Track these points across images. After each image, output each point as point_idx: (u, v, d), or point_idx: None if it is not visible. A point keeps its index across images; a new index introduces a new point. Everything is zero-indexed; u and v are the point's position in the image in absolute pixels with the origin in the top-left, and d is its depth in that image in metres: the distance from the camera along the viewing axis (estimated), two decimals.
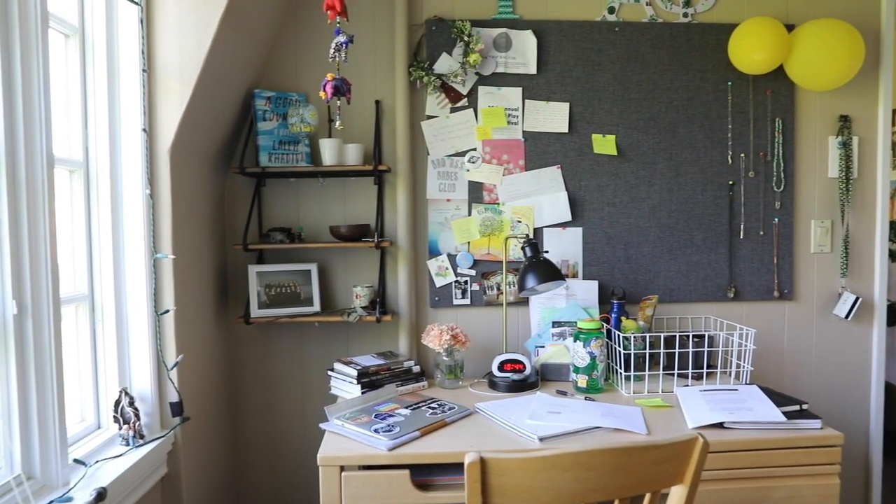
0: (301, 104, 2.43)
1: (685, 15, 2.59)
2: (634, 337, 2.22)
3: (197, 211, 2.26)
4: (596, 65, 2.57)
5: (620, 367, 2.23)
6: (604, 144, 2.58)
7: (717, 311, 2.64)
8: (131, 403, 1.91)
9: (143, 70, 1.96)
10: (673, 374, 2.26)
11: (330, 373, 2.27)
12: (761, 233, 2.63)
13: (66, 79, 1.83)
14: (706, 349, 2.25)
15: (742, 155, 2.62)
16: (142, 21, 1.95)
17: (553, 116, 2.57)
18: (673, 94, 2.59)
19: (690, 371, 2.27)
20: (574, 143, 2.57)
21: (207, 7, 1.96)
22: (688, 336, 2.32)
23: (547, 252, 2.48)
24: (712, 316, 2.61)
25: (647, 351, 2.19)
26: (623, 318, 2.38)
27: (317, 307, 2.43)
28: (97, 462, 1.74)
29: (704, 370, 2.25)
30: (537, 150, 2.57)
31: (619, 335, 2.24)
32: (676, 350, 2.25)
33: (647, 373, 2.19)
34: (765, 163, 2.62)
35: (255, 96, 2.38)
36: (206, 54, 1.97)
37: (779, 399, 1.94)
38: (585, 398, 2.13)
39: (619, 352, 2.22)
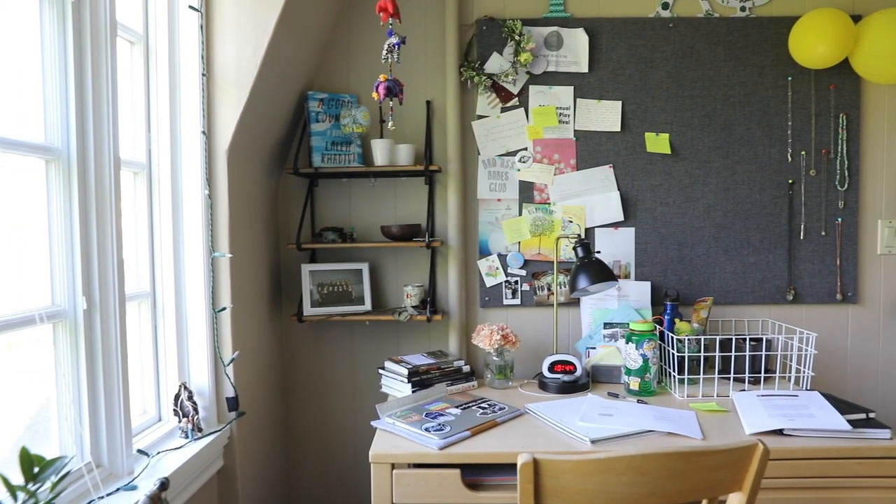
0: (353, 105, 2.46)
1: (742, 9, 2.52)
2: (688, 339, 2.18)
3: (252, 211, 2.32)
4: (649, 62, 2.52)
5: (674, 370, 2.18)
6: (657, 143, 2.53)
7: (775, 313, 2.56)
8: (190, 397, 1.97)
9: (203, 74, 2.02)
10: (728, 379, 2.20)
11: (381, 371, 2.30)
12: (823, 233, 2.54)
13: (130, 84, 1.91)
14: (764, 353, 2.18)
15: (802, 152, 2.53)
16: (201, 27, 2.01)
17: (605, 115, 2.53)
18: (729, 90, 2.52)
19: (747, 375, 2.21)
20: (626, 141, 2.54)
21: (264, 11, 2.00)
22: (744, 339, 2.26)
23: (599, 252, 2.45)
24: (770, 319, 2.53)
25: (702, 354, 2.14)
26: (676, 320, 2.33)
27: (368, 306, 2.46)
28: (159, 453, 1.80)
29: (762, 375, 2.18)
30: (589, 149, 2.54)
31: (672, 337, 2.20)
32: (732, 353, 2.19)
33: (701, 376, 2.15)
34: (827, 160, 2.53)
35: (309, 98, 2.43)
36: (262, 57, 2.02)
37: (843, 406, 1.87)
38: (637, 401, 2.09)
39: (673, 354, 2.18)
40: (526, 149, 2.55)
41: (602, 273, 2.26)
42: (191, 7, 1.98)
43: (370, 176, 2.53)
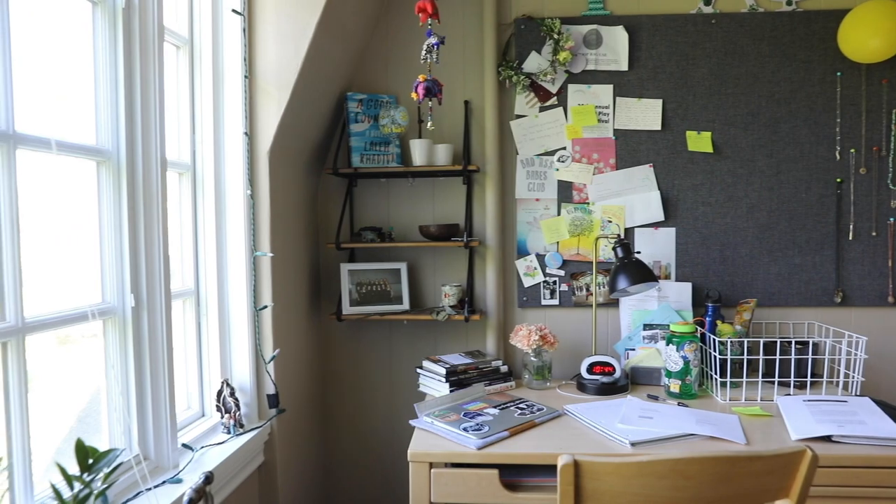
0: (392, 106, 2.48)
1: (789, 3, 2.45)
2: (731, 342, 2.13)
3: (292, 210, 2.35)
4: (691, 59, 2.48)
5: (715, 373, 2.14)
6: (699, 142, 2.48)
7: (822, 316, 2.49)
8: (232, 394, 2.01)
9: (245, 76, 2.05)
10: (773, 382, 2.15)
11: (419, 370, 2.31)
12: (874, 234, 2.46)
13: (176, 87, 1.95)
14: (810, 356, 2.13)
15: (852, 150, 2.45)
16: (244, 30, 2.05)
17: (645, 114, 2.50)
18: (774, 87, 2.46)
19: (793, 379, 2.15)
20: (667, 140, 2.50)
21: (304, 14, 2.03)
22: (789, 342, 2.20)
23: (639, 253, 2.42)
24: (816, 322, 2.47)
25: (745, 357, 2.10)
26: (718, 322, 2.28)
27: (406, 305, 2.48)
28: (203, 447, 1.85)
29: (808, 379, 2.13)
30: (628, 148, 2.51)
31: (714, 339, 2.16)
32: (777, 357, 2.14)
33: (744, 380, 2.10)
34: (878, 158, 2.45)
35: (348, 99, 2.45)
36: (303, 59, 2.05)
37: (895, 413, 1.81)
38: (678, 403, 2.06)
39: (715, 357, 2.14)
40: (565, 148, 2.53)
41: (642, 274, 2.24)
42: (234, 11, 2.02)
43: (408, 176, 2.55)
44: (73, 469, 1.03)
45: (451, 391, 2.14)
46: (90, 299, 1.54)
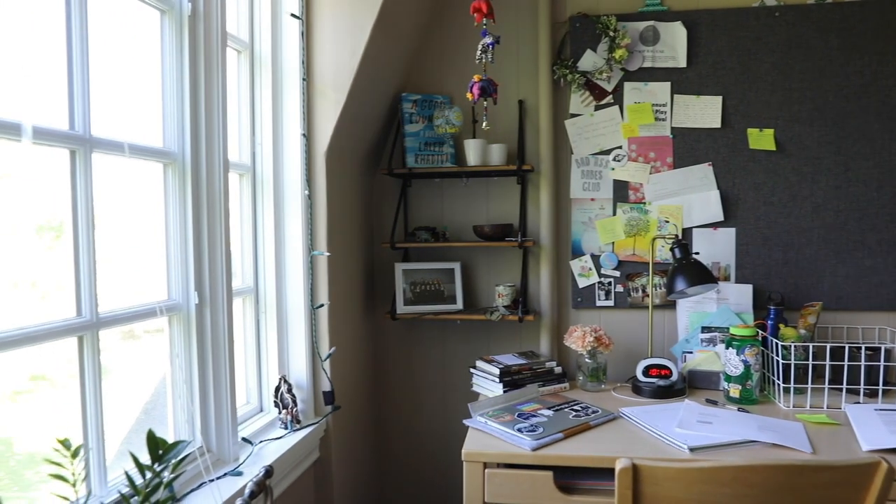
0: (446, 106, 2.49)
1: None
2: (795, 346, 2.06)
3: (348, 210, 2.39)
4: (752, 54, 2.41)
5: (778, 379, 2.07)
6: (760, 139, 2.41)
7: (895, 321, 2.38)
8: (289, 390, 2.06)
9: (303, 79, 2.10)
10: (840, 389, 2.06)
11: (472, 370, 2.32)
12: None
13: (237, 90, 2.01)
14: (882, 363, 2.03)
15: None
16: (302, 33, 2.09)
17: (704, 111, 2.44)
18: (843, 81, 2.36)
19: (862, 387, 2.06)
20: (727, 138, 2.43)
21: (360, 16, 2.06)
22: (859, 347, 2.11)
23: (697, 253, 2.36)
24: (889, 327, 2.36)
25: (810, 362, 2.02)
26: (781, 326, 2.21)
27: (460, 305, 2.49)
28: (261, 442, 1.89)
29: (880, 387, 2.04)
30: (686, 146, 2.46)
31: (776, 344, 2.09)
32: (846, 362, 2.06)
33: (809, 386, 2.03)
34: None
35: (403, 99, 2.48)
36: (359, 61, 2.08)
37: None
38: (738, 409, 2.01)
39: (777, 361, 2.07)
40: (620, 147, 2.49)
41: (701, 275, 2.18)
42: (292, 15, 2.06)
43: (463, 176, 2.55)
44: (143, 458, 1.07)
45: (504, 391, 2.13)
46: (157, 296, 1.60)
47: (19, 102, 1.18)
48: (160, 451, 1.03)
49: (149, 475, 1.03)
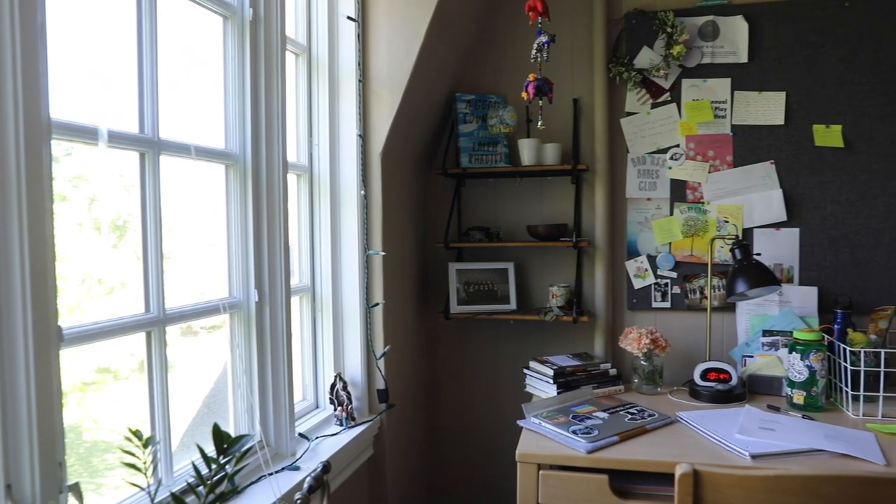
0: (500, 105, 2.49)
1: None
2: (865, 352, 1.97)
3: (403, 210, 2.41)
4: (819, 47, 2.32)
5: (846, 386, 1.99)
6: (827, 136, 2.32)
7: None
8: (345, 387, 2.09)
9: (359, 80, 2.13)
10: None
11: (525, 371, 2.30)
12: None
13: (295, 92, 2.05)
14: None
15: None
16: (358, 36, 2.12)
17: (766, 107, 2.36)
18: None
19: None
20: (791, 135, 2.35)
21: (415, 18, 2.08)
22: None
23: (759, 255, 2.29)
24: None
25: (882, 369, 1.93)
26: (849, 331, 2.12)
27: (513, 305, 2.48)
28: (317, 438, 1.93)
29: None
30: (747, 144, 2.38)
31: (844, 349, 2.00)
32: None
33: (881, 394, 1.94)
34: None
35: (456, 99, 2.48)
36: (414, 62, 2.10)
37: None
38: (803, 416, 1.94)
39: (845, 368, 1.99)
40: (678, 146, 2.44)
41: (763, 277, 2.12)
42: (349, 18, 2.09)
43: (517, 176, 2.54)
44: (207, 451, 1.10)
45: (558, 393, 2.11)
46: (219, 294, 1.64)
47: (95, 107, 1.23)
48: (225, 445, 1.07)
49: (214, 467, 1.07)
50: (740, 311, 2.37)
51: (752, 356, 2.27)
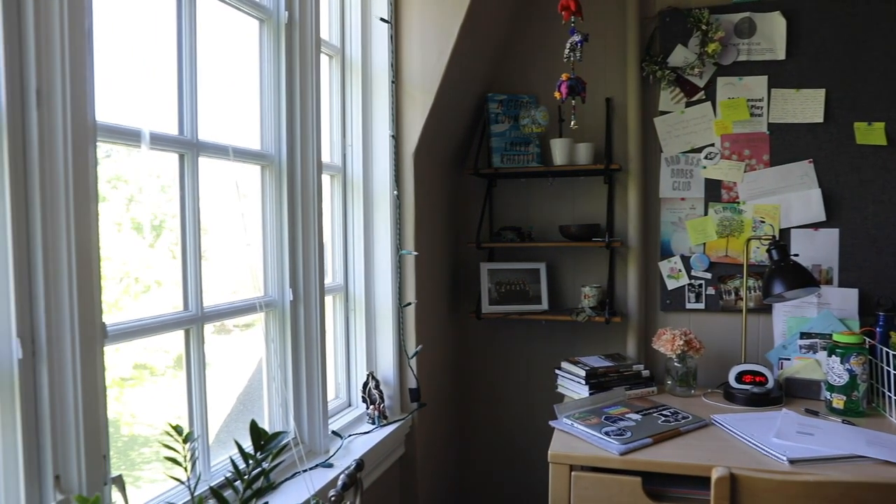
0: (532, 105, 2.48)
1: None
2: None
3: (435, 210, 2.42)
4: (860, 42, 2.26)
5: (889, 391, 1.94)
6: (869, 134, 2.26)
7: None
8: (377, 386, 2.11)
9: (392, 81, 2.14)
10: None
11: (557, 371, 2.29)
12: None
13: (329, 94, 2.07)
14: None
15: None
16: (391, 37, 2.13)
17: (805, 105, 2.31)
18: None
19: None
20: (830, 133, 2.29)
21: (448, 19, 2.08)
22: None
23: (796, 255, 2.24)
24: None
25: None
26: (892, 334, 2.07)
27: (545, 305, 2.47)
28: (350, 436, 1.95)
29: None
30: (785, 143, 2.34)
31: (887, 353, 1.96)
32: None
33: None
34: None
35: (488, 100, 2.48)
36: (446, 63, 2.10)
37: None
38: (843, 421, 1.89)
39: (889, 372, 1.94)
40: (713, 145, 2.41)
41: (800, 278, 2.07)
42: (382, 19, 2.11)
43: (549, 175, 2.53)
44: (244, 446, 1.12)
45: (590, 394, 2.10)
46: (253, 292, 1.67)
47: (136, 110, 1.26)
48: (262, 441, 1.09)
49: (251, 463, 1.09)
50: (777, 313, 2.32)
51: (789, 359, 2.23)
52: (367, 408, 2.08)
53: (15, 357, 0.95)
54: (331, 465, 1.72)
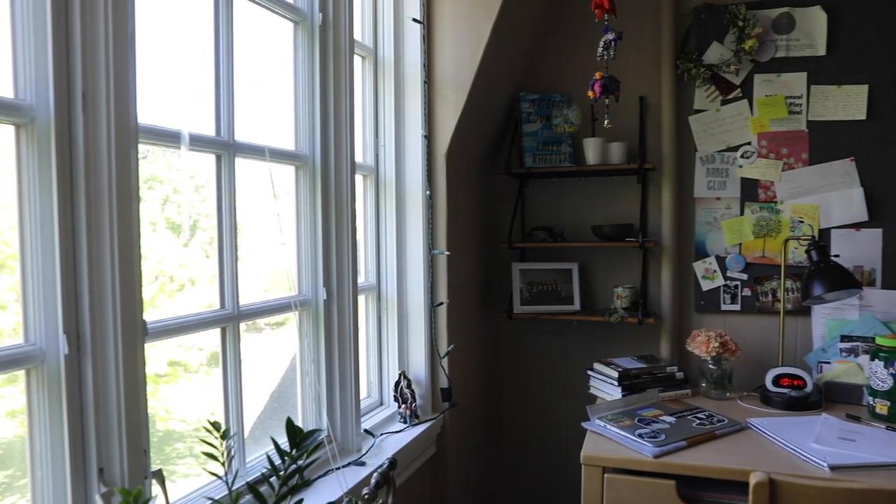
0: (564, 105, 2.46)
1: None
2: None
3: (467, 210, 2.42)
4: None
5: None
6: None
7: None
8: (409, 385, 2.12)
9: (424, 81, 2.14)
10: None
11: (589, 372, 2.27)
12: None
13: (361, 94, 2.09)
14: None
15: None
16: (423, 37, 2.14)
17: (846, 102, 2.26)
18: None
19: None
20: (873, 130, 2.23)
21: (480, 19, 2.08)
22: None
23: (837, 256, 2.19)
24: None
25: None
26: None
27: (577, 306, 2.45)
28: (382, 434, 1.96)
29: None
30: (824, 141, 2.28)
31: None
32: None
33: None
34: None
35: (521, 99, 2.47)
36: (479, 62, 2.10)
37: None
38: (887, 427, 1.84)
39: None
40: (749, 143, 2.36)
41: (841, 279, 2.02)
42: (414, 20, 2.11)
43: (581, 175, 2.51)
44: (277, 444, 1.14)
45: (622, 395, 2.08)
46: (285, 292, 1.69)
47: (175, 111, 1.29)
48: (297, 439, 1.10)
49: (287, 460, 1.10)
50: (816, 316, 2.27)
51: (828, 362, 2.18)
52: (399, 407, 2.09)
53: (62, 352, 0.98)
54: (363, 464, 1.73)
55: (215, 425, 1.07)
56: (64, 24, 0.98)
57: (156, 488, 1.09)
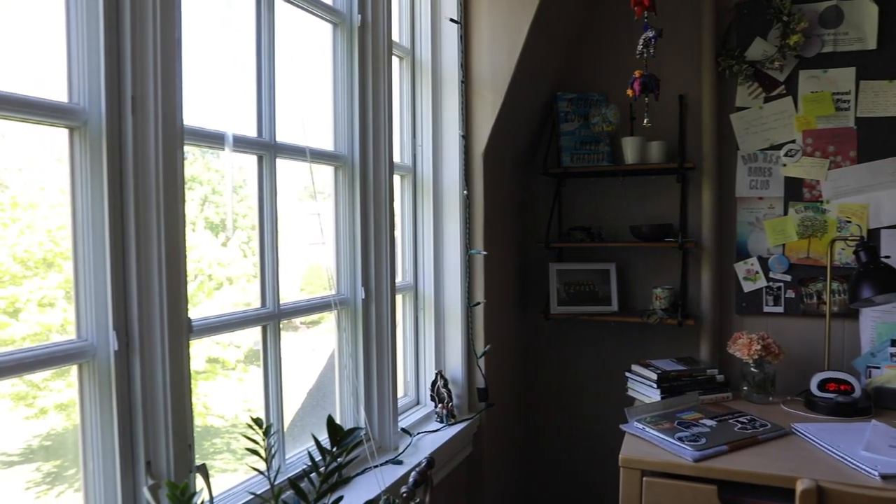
0: (602, 104, 2.44)
1: None
2: None
3: (504, 210, 2.41)
4: None
5: None
6: None
7: None
8: (445, 385, 2.12)
9: (461, 81, 2.15)
10: None
11: (627, 374, 2.25)
12: None
13: (399, 94, 2.10)
14: None
15: None
16: (460, 37, 2.14)
17: None
18: None
19: None
20: None
21: (517, 18, 2.08)
22: None
23: (888, 257, 2.12)
24: None
25: None
26: None
27: (615, 307, 2.43)
28: (419, 433, 1.97)
29: None
30: (875, 138, 2.21)
31: None
32: None
33: None
34: None
35: (558, 98, 2.46)
36: (516, 62, 2.10)
37: None
38: None
39: None
40: (793, 141, 2.30)
41: (892, 282, 1.96)
42: (451, 20, 2.12)
43: (619, 175, 2.48)
44: (318, 441, 1.15)
45: (662, 398, 2.05)
46: (322, 290, 1.71)
47: (218, 113, 1.32)
48: (338, 437, 1.11)
49: (328, 457, 1.11)
50: (864, 319, 2.20)
51: (878, 367, 2.11)
52: (436, 406, 2.10)
53: (112, 349, 1.01)
54: (400, 462, 1.74)
55: (258, 421, 1.09)
56: (115, 32, 1.01)
57: (199, 482, 1.11)
